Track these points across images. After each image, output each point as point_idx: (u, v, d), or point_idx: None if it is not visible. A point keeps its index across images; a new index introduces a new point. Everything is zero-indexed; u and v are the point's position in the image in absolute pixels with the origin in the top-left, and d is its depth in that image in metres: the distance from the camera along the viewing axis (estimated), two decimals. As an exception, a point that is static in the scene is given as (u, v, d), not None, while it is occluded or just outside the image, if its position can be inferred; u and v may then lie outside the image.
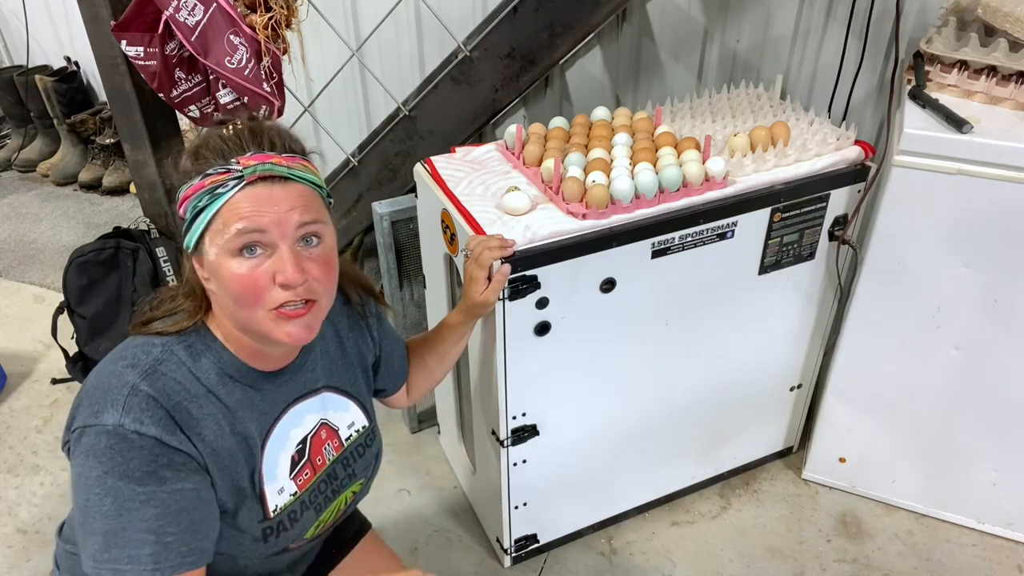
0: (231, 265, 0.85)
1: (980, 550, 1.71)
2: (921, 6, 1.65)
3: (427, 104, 1.97)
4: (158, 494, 0.84)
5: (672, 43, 1.97)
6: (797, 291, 1.61)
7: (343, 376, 1.09)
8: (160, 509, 0.84)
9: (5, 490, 1.92)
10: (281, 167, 0.86)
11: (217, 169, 0.85)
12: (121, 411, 0.84)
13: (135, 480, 0.83)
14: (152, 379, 0.87)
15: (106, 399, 0.85)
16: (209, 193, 0.84)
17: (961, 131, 1.32)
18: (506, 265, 1.23)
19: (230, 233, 0.84)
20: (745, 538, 1.75)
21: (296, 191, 0.87)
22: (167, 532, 0.85)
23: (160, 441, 0.85)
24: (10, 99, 3.36)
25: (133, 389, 0.85)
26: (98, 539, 0.83)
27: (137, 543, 0.83)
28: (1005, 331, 1.49)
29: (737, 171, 1.42)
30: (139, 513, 0.83)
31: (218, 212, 0.84)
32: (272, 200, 0.85)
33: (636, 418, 1.60)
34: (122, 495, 0.83)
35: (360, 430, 1.11)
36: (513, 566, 1.70)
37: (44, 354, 2.36)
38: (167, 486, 0.85)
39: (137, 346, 0.91)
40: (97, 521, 0.83)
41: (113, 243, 2.04)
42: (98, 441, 0.83)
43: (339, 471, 1.08)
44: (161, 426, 0.85)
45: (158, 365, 0.88)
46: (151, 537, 0.84)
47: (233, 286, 0.85)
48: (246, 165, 0.84)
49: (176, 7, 1.47)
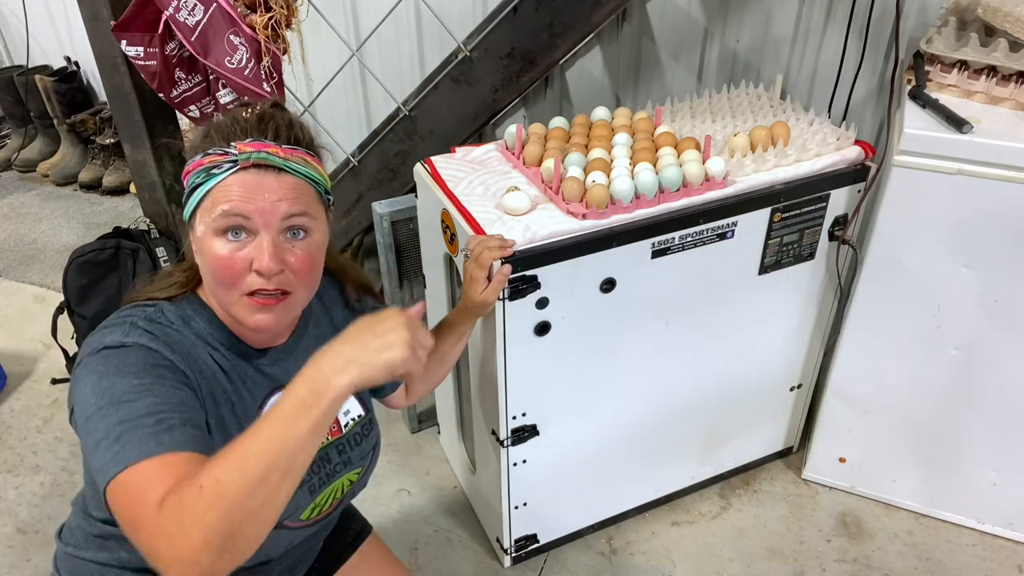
0: (214, 244, 0.87)
1: (980, 550, 1.71)
2: (921, 6, 1.65)
3: (427, 104, 1.97)
4: (154, 387, 0.81)
5: (672, 43, 1.97)
6: (797, 291, 1.61)
7: None
8: (159, 398, 0.80)
9: (5, 490, 1.92)
10: (276, 157, 0.87)
11: (216, 150, 0.87)
12: (120, 334, 0.85)
13: (132, 374, 0.81)
14: (151, 324, 0.89)
15: (103, 334, 0.86)
16: (205, 172, 0.87)
17: (961, 131, 1.32)
18: (507, 265, 1.23)
19: (216, 213, 0.86)
20: (745, 538, 1.75)
21: (289, 183, 0.88)
22: (167, 417, 0.79)
23: (156, 351, 0.85)
24: (10, 99, 3.36)
25: (133, 323, 0.87)
26: (105, 442, 0.76)
27: (139, 425, 0.77)
28: (1005, 331, 1.49)
29: (737, 171, 1.42)
30: (137, 404, 0.78)
31: (209, 191, 0.87)
32: (261, 188, 0.86)
33: (636, 418, 1.60)
34: (119, 390, 0.79)
35: (356, 419, 1.12)
36: (513, 566, 1.70)
37: (44, 354, 2.36)
38: (166, 383, 0.83)
39: (129, 309, 0.92)
40: (100, 422, 0.78)
41: (113, 243, 2.04)
42: (97, 358, 0.83)
43: (333, 455, 1.08)
44: (157, 343, 0.86)
45: (153, 317, 0.90)
46: (150, 420, 0.78)
47: (213, 265, 0.88)
48: (242, 151, 0.86)
49: (176, 7, 1.47)
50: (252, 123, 0.90)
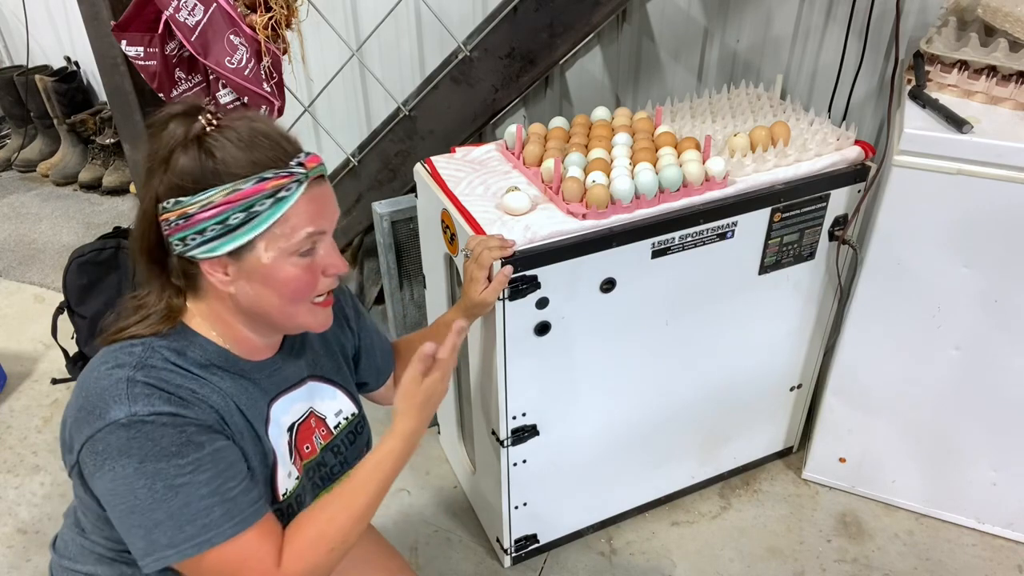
0: (290, 265, 0.88)
1: (980, 550, 1.71)
2: (921, 6, 1.65)
3: (427, 104, 1.97)
4: (202, 459, 0.83)
5: (672, 43, 1.97)
6: (797, 291, 1.61)
7: (327, 365, 1.10)
8: (212, 471, 0.83)
9: (5, 490, 1.92)
10: (324, 167, 0.90)
11: (279, 172, 0.84)
12: (127, 402, 0.82)
13: (174, 455, 0.82)
14: (145, 371, 0.85)
15: (105, 400, 0.83)
16: (271, 196, 0.84)
17: (961, 131, 1.32)
18: (508, 266, 1.23)
19: (300, 236, 0.86)
20: (745, 538, 1.75)
21: (332, 188, 0.92)
22: (228, 488, 0.84)
23: (178, 415, 0.84)
24: (10, 99, 3.36)
25: (130, 381, 0.84)
26: (166, 527, 0.81)
27: (205, 511, 0.82)
28: (1005, 331, 1.49)
29: (737, 171, 1.42)
30: (193, 482, 0.82)
31: (283, 215, 0.85)
32: (327, 199, 0.90)
33: (636, 418, 1.60)
34: (169, 475, 0.81)
35: (349, 417, 1.12)
36: (513, 566, 1.70)
37: (44, 354, 2.36)
38: (206, 449, 0.84)
39: (115, 351, 0.88)
40: (156, 511, 0.81)
41: (113, 243, 2.05)
42: (117, 438, 0.81)
43: (328, 458, 1.09)
44: (172, 404, 0.84)
45: (145, 360, 0.87)
46: (215, 499, 0.83)
47: (291, 284, 0.88)
48: (311, 167, 0.87)
49: (176, 7, 1.47)
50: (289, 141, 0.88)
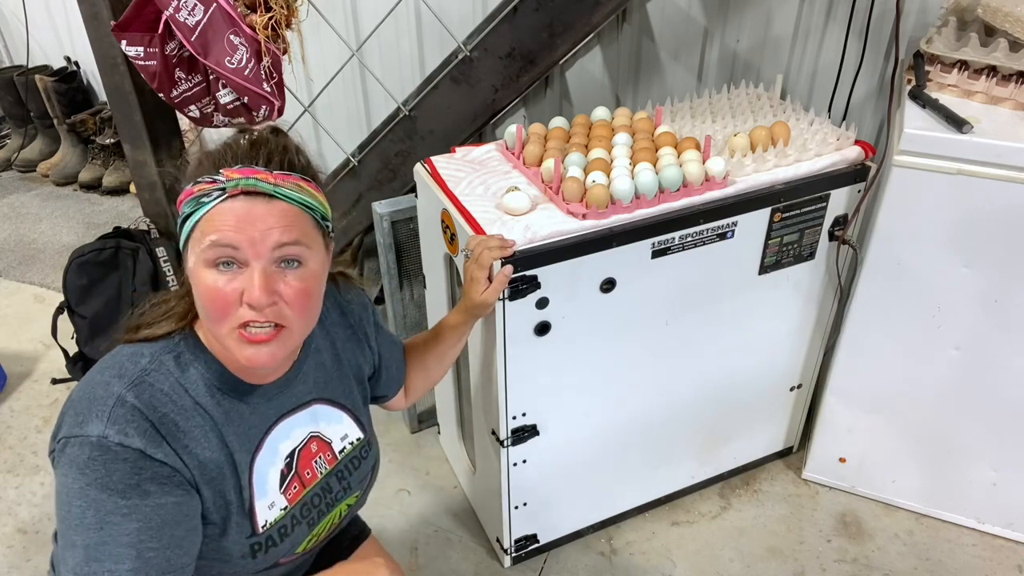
0: (205, 276, 0.84)
1: (980, 550, 1.71)
2: (921, 6, 1.65)
3: (427, 104, 1.97)
4: (141, 508, 0.83)
5: (672, 43, 1.97)
6: (797, 291, 1.61)
7: (337, 388, 1.07)
8: (142, 523, 0.83)
9: (5, 490, 1.92)
10: (266, 183, 0.83)
11: (206, 178, 0.84)
12: (106, 422, 0.82)
13: (118, 493, 0.81)
14: (139, 390, 0.85)
15: (91, 409, 0.84)
16: (195, 201, 0.84)
17: (961, 131, 1.32)
18: (508, 266, 1.23)
19: (205, 244, 0.83)
20: (745, 538, 1.75)
21: (280, 210, 0.84)
22: (148, 547, 0.83)
23: (144, 453, 0.83)
24: (10, 99, 3.36)
25: (119, 400, 0.84)
26: (78, 552, 0.81)
27: (117, 557, 0.82)
28: (1005, 331, 1.49)
29: (737, 171, 1.42)
30: (120, 527, 0.82)
31: (199, 222, 0.84)
32: (250, 217, 0.83)
33: (636, 418, 1.60)
34: (104, 508, 0.81)
35: (354, 442, 1.10)
36: (513, 566, 1.70)
37: (44, 354, 2.36)
38: (150, 500, 0.83)
39: (125, 356, 0.89)
40: (78, 534, 0.82)
41: (113, 243, 2.05)
42: (81, 452, 0.82)
43: (333, 484, 1.07)
44: (146, 438, 0.83)
45: (145, 375, 0.87)
46: (132, 552, 0.82)
47: (204, 297, 0.85)
48: (229, 177, 0.83)
49: (176, 7, 1.47)
50: (244, 149, 0.86)
